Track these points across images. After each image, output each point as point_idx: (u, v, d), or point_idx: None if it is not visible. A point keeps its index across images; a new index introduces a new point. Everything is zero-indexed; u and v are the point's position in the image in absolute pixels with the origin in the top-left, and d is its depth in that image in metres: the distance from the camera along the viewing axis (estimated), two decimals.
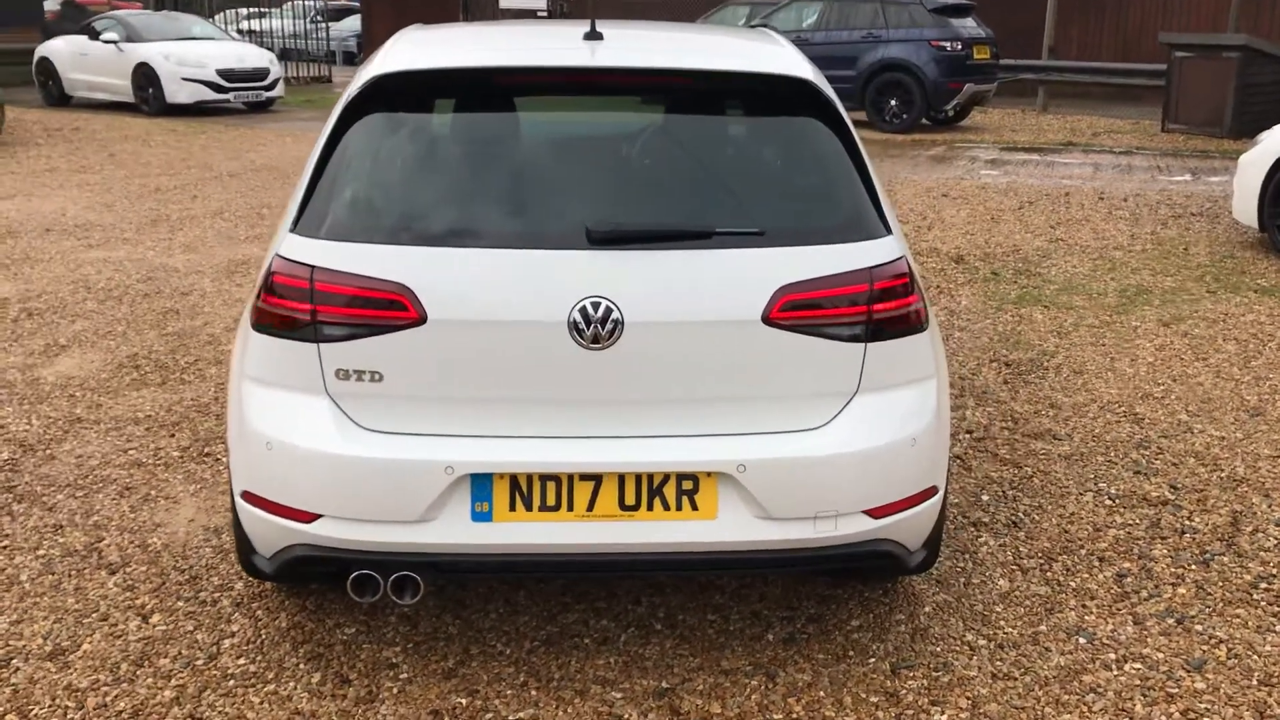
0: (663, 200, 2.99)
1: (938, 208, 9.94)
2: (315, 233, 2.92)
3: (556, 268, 2.82)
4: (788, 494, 2.89)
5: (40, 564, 3.76)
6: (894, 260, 2.98)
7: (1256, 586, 3.66)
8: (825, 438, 2.92)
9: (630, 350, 2.82)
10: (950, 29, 15.25)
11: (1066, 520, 4.11)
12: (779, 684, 3.14)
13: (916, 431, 3.02)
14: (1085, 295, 7.09)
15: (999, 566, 3.78)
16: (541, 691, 3.10)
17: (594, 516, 2.87)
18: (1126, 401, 5.27)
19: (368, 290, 2.82)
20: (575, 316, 2.78)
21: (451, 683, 3.13)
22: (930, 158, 13.20)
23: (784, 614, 3.48)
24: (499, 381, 2.84)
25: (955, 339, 6.22)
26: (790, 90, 3.08)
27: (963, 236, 8.80)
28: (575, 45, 3.22)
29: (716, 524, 2.89)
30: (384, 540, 2.87)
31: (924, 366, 3.08)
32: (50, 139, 14.43)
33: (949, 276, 7.59)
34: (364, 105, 3.04)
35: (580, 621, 3.43)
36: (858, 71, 15.44)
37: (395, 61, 3.10)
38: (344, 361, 2.86)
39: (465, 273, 2.82)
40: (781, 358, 2.88)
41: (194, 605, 3.51)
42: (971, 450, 4.72)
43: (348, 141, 3.01)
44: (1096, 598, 3.59)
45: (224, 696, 3.07)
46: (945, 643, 3.34)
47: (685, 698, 3.07)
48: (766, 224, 2.93)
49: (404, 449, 2.84)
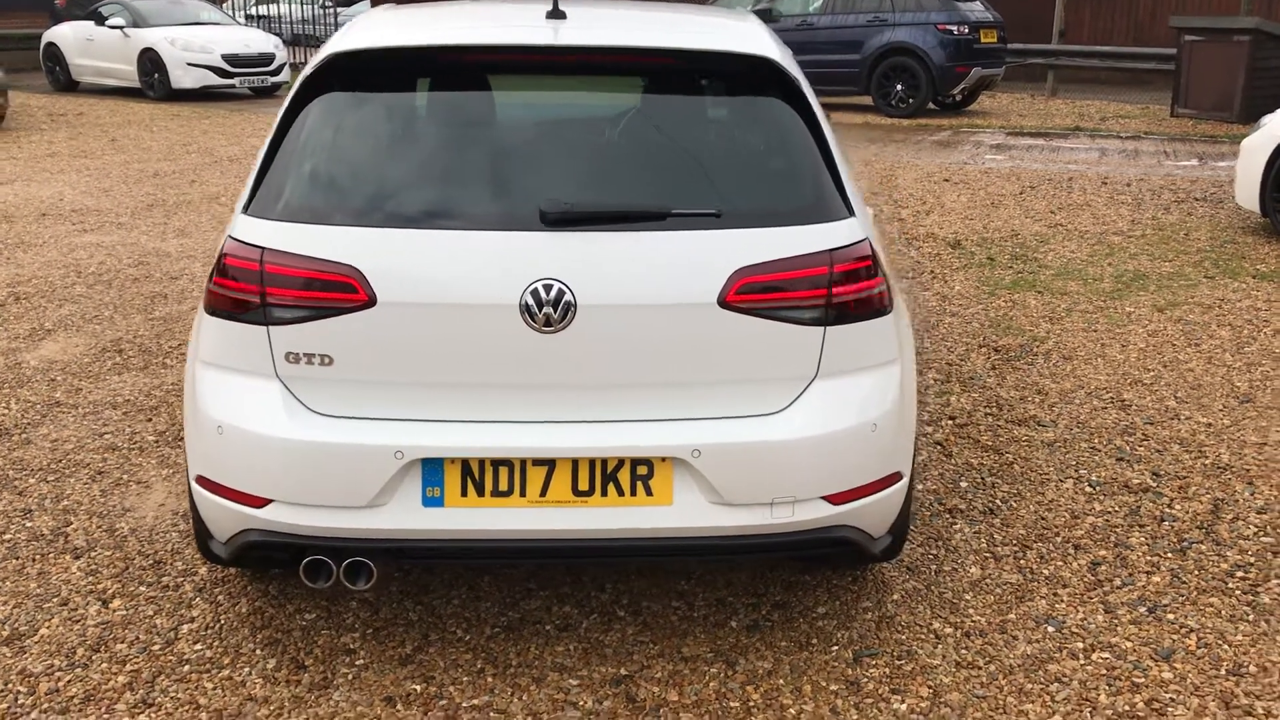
0: (619, 181, 2.94)
1: (938, 192, 9.85)
2: (266, 214, 2.89)
3: (508, 249, 2.77)
4: (744, 479, 2.84)
5: (5, 549, 3.74)
6: (856, 243, 2.93)
7: (1232, 575, 3.60)
8: (783, 423, 2.87)
9: (583, 333, 2.77)
10: (957, 13, 15.10)
11: (1044, 507, 4.05)
12: (739, 671, 3.10)
13: (878, 417, 2.97)
14: (1080, 280, 7.02)
15: (972, 554, 3.73)
16: (498, 678, 3.06)
17: (547, 502, 2.83)
18: (1114, 388, 5.20)
19: (317, 272, 2.78)
20: (527, 299, 2.74)
21: (408, 669, 3.10)
22: (935, 142, 13.10)
23: (749, 601, 3.44)
24: (450, 365, 2.80)
25: (945, 324, 6.16)
26: (753, 70, 3.03)
27: (961, 221, 8.72)
28: (537, 24, 3.17)
29: (672, 510, 2.85)
30: (334, 525, 2.83)
31: (887, 351, 3.03)
32: (54, 124, 14.43)
33: (944, 261, 7.52)
34: (319, 84, 3.00)
35: (543, 608, 3.39)
36: (863, 56, 15.32)
37: (351, 40, 3.06)
38: (294, 344, 2.82)
39: (415, 254, 2.78)
40: (738, 341, 2.83)
41: (156, 590, 3.49)
42: (954, 436, 4.67)
43: (302, 121, 2.97)
44: (1069, 586, 3.54)
45: (178, 682, 3.04)
46: (911, 630, 3.30)
47: (643, 685, 3.04)
48: (724, 205, 2.87)
49: (353, 433, 2.81)
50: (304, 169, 2.92)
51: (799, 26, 15.82)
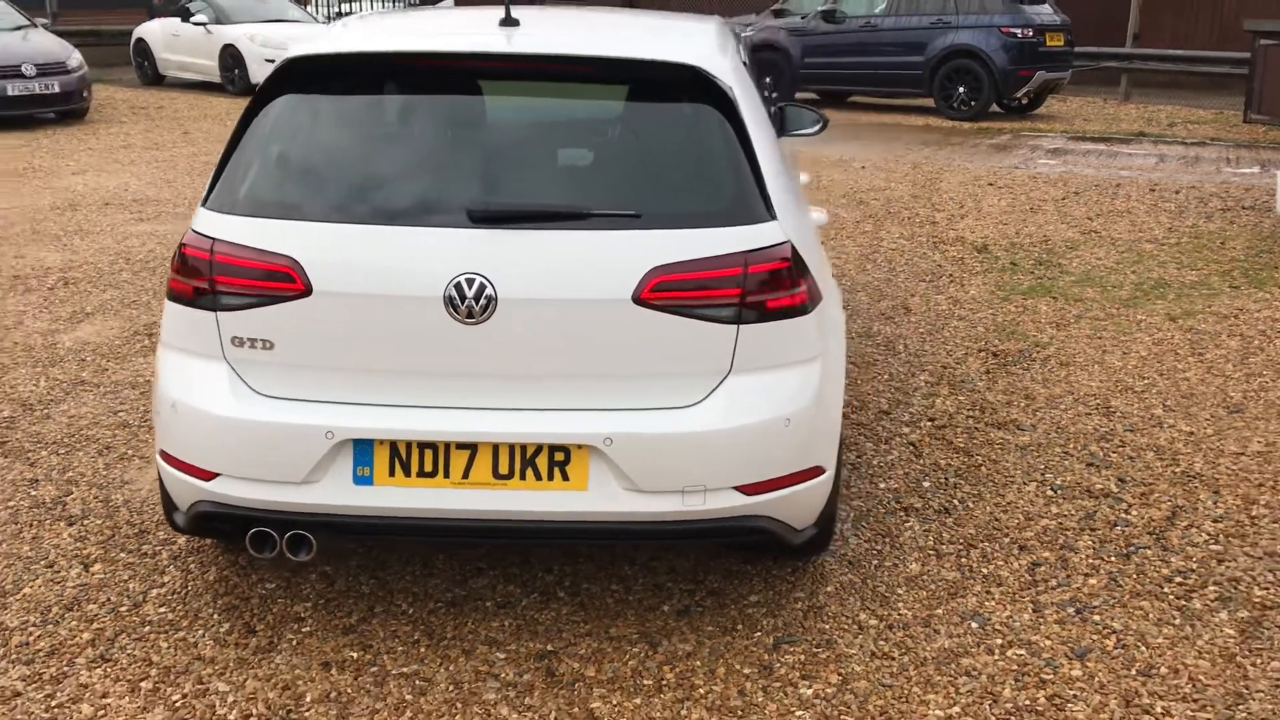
0: (546, 182, 3.10)
1: (978, 197, 9.83)
2: (221, 208, 3.11)
3: (435, 245, 2.95)
4: (654, 468, 2.99)
5: (8, 514, 4.03)
6: (773, 246, 3.05)
7: (1170, 580, 3.64)
8: (695, 415, 3.01)
9: (504, 326, 2.94)
10: (1022, 15, 14.95)
11: (1000, 509, 4.12)
12: (659, 652, 3.24)
13: (791, 412, 3.09)
14: (1099, 287, 6.99)
15: (916, 550, 3.82)
16: (430, 649, 3.25)
17: (469, 484, 3.00)
18: (1103, 394, 5.22)
19: (259, 263, 2.99)
20: (450, 292, 2.92)
21: (349, 637, 3.30)
22: (992, 146, 13.01)
23: (687, 587, 3.58)
24: (380, 352, 2.99)
25: (951, 328, 6.20)
26: (680, 77, 3.16)
27: (994, 226, 8.71)
28: (489, 31, 3.34)
29: (587, 495, 3.00)
30: (273, 499, 3.04)
31: (806, 349, 3.14)
32: (134, 117, 15.03)
33: (965, 266, 7.54)
34: (277, 87, 3.21)
35: (489, 586, 3.57)
36: (926, 58, 15.24)
37: (310, 46, 3.26)
38: (239, 329, 3.04)
39: (349, 247, 2.98)
40: (652, 337, 2.97)
41: (135, 557, 3.74)
42: (928, 438, 4.74)
43: (259, 121, 3.18)
44: (1003, 585, 3.62)
45: (137, 640, 3.28)
46: (837, 621, 3.41)
47: (564, 660, 3.20)
48: (645, 207, 3.02)
49: (289, 413, 3.01)
50: (256, 166, 3.13)
51: (862, 28, 15.80)
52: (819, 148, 12.54)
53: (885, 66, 15.53)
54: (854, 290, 6.96)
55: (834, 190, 10.12)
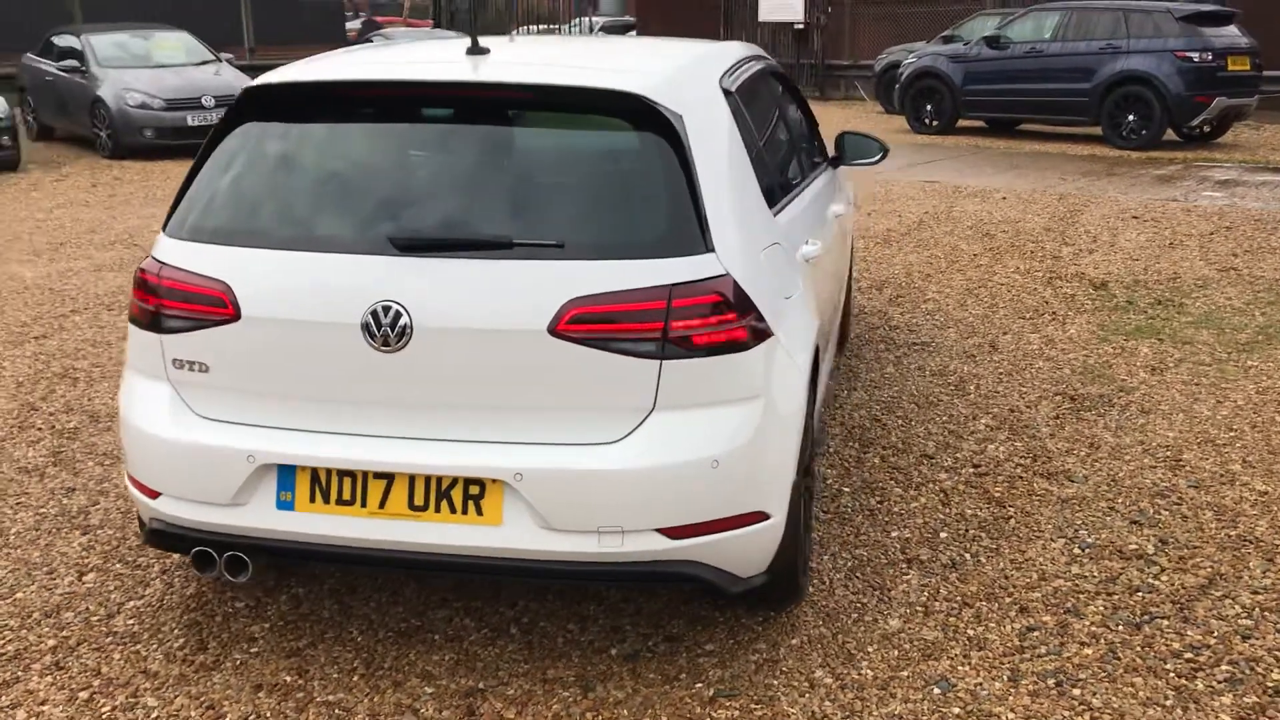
0: (474, 210, 3.05)
1: (1117, 230, 9.26)
2: (173, 233, 3.19)
3: (356, 272, 2.95)
4: (566, 506, 2.89)
5: (34, 520, 4.24)
6: (706, 279, 2.92)
7: (1179, 656, 3.29)
8: (611, 452, 2.90)
9: (420, 355, 2.91)
10: (1200, 39, 14.07)
11: (1015, 566, 3.82)
12: (589, 698, 3.13)
13: (721, 453, 2.94)
14: (1216, 330, 6.46)
15: (904, 606, 3.58)
16: (364, 679, 3.22)
17: (385, 514, 2.97)
18: (1178, 446, 4.80)
19: (196, 287, 3.06)
20: (367, 319, 2.90)
21: (291, 661, 3.31)
22: (1156, 177, 12.27)
23: (645, 630, 3.45)
24: (303, 378, 3.00)
25: (1034, 369, 5.84)
26: (622, 105, 3.07)
27: (1123, 262, 8.18)
28: (446, 60, 3.34)
29: (501, 530, 2.93)
30: (205, 520, 3.09)
31: (744, 388, 2.99)
32: None
33: (1075, 303, 7.10)
34: (237, 116, 3.28)
35: (446, 619, 3.53)
36: (1094, 84, 14.52)
37: (268, 76, 3.32)
38: (179, 352, 3.10)
39: (275, 273, 3.01)
40: (569, 370, 2.88)
41: (128, 569, 3.87)
42: (963, 485, 4.46)
43: (219, 148, 3.26)
44: (986, 649, 3.35)
45: (95, 651, 3.38)
46: (789, 677, 3.22)
47: (489, 700, 3.12)
48: (571, 237, 2.94)
49: (216, 436, 3.06)
50: (206, 193, 3.20)
51: (1027, 54, 15.20)
52: (963, 178, 12.12)
53: (1050, 94, 14.89)
54: (943, 327, 6.64)
55: (962, 222, 9.72)
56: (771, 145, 4.02)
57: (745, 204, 3.23)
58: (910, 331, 6.56)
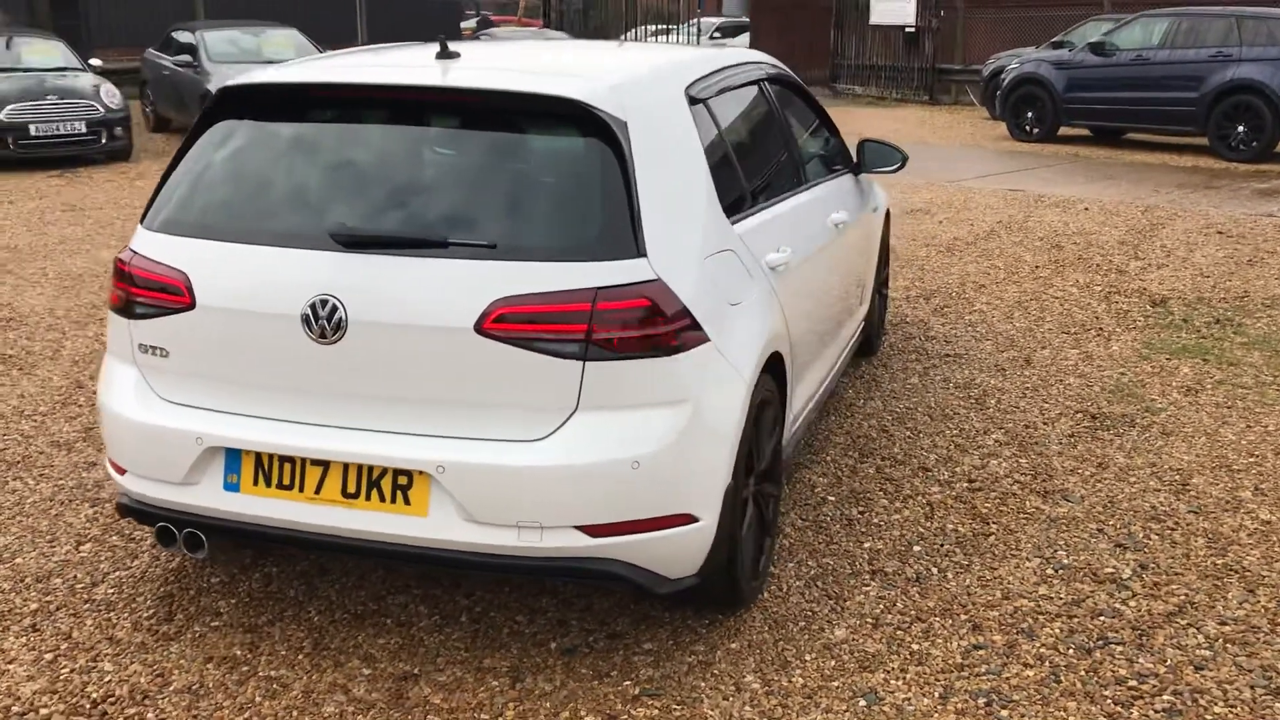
0: (414, 210, 3.15)
1: (1194, 245, 8.95)
2: (149, 225, 3.37)
3: (299, 266, 3.07)
4: (486, 499, 2.97)
5: (52, 490, 4.49)
6: (634, 284, 2.97)
7: (1123, 683, 3.22)
8: (532, 450, 2.97)
9: (354, 347, 3.02)
10: None
11: (981, 584, 3.77)
12: (516, 689, 3.20)
13: (642, 454, 2.98)
14: (1270, 352, 6.22)
15: (855, 617, 3.57)
16: (308, 658, 3.35)
17: (321, 500, 3.09)
18: (1189, 470, 4.65)
19: (159, 276, 3.22)
20: (307, 311, 3.03)
21: (247, 636, 3.46)
22: (1256, 191, 11.81)
23: (590, 626, 3.51)
24: (250, 366, 3.14)
25: (1062, 385, 5.71)
26: (562, 109, 3.13)
27: (1191, 278, 7.91)
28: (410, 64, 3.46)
29: (427, 521, 3.03)
30: (161, 497, 3.26)
31: (669, 391, 3.03)
32: None
33: (1126, 320, 6.90)
34: (213, 113, 3.44)
35: (402, 605, 3.64)
36: (1201, 94, 14.02)
37: (243, 76, 3.48)
38: (144, 337, 3.27)
39: (227, 265, 3.15)
40: (494, 368, 2.96)
41: (124, 540, 4.07)
42: (952, 500, 4.40)
43: (195, 145, 3.42)
44: (926, 664, 3.32)
45: (70, 616, 3.58)
46: (717, 680, 3.24)
47: (419, 685, 3.22)
48: (504, 238, 3.01)
49: (169, 417, 3.22)
50: (179, 187, 3.37)
51: (1133, 61, 14.75)
52: (1049, 187, 11.84)
53: (1154, 103, 14.42)
54: (981, 339, 6.53)
55: (1034, 232, 9.51)
56: (749, 153, 4.03)
57: (691, 210, 3.27)
58: (946, 343, 6.47)
